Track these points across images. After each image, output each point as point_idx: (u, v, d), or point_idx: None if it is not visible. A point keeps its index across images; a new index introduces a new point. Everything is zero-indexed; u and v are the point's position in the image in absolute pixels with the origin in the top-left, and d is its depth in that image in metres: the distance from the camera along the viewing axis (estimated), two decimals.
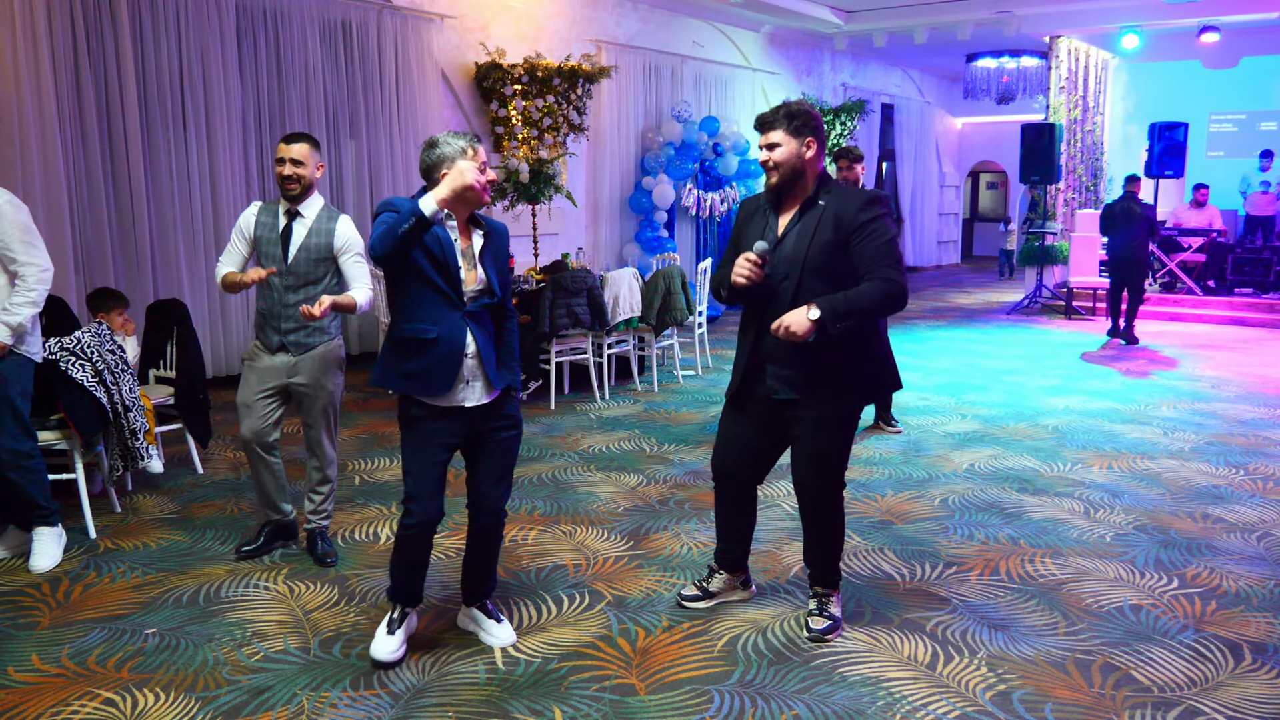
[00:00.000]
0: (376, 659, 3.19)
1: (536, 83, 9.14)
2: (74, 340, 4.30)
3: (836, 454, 3.29)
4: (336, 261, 3.92)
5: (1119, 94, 14.61)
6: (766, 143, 3.19)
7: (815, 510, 3.39)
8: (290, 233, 3.87)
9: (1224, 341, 9.88)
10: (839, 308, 3.02)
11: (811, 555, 3.48)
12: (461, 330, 3.09)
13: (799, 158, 3.16)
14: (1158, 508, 4.76)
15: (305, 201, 3.88)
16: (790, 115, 3.16)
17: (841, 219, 3.10)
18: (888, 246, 3.09)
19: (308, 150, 3.82)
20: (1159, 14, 11.74)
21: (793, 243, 3.17)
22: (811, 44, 14.28)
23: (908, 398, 7.09)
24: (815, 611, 3.45)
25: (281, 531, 4.23)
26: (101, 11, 6.57)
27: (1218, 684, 3.09)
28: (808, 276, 3.12)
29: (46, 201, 6.28)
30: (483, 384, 3.15)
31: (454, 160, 2.98)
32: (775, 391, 3.25)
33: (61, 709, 2.94)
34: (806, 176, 3.19)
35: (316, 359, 3.94)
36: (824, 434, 3.24)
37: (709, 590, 3.65)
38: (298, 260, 3.86)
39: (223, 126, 7.25)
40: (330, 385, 3.99)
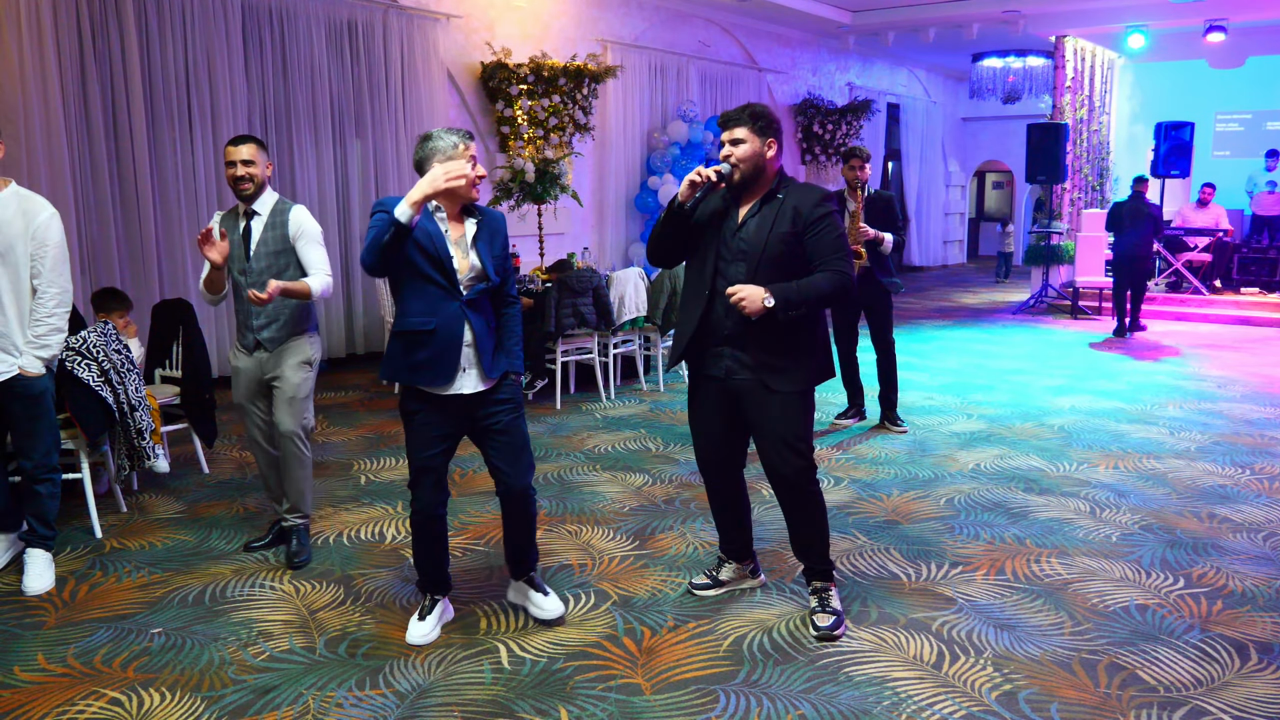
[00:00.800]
0: (410, 642, 3.35)
1: (542, 82, 9.14)
2: (80, 340, 4.31)
3: (797, 429, 3.34)
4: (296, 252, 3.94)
5: (1125, 93, 14.57)
6: (730, 138, 3.26)
7: (792, 496, 3.41)
8: (250, 233, 3.93)
9: (1230, 341, 9.85)
10: (792, 297, 3.16)
11: (799, 547, 3.52)
12: (459, 320, 3.17)
13: (761, 155, 3.26)
14: (1164, 507, 4.75)
15: (259, 200, 3.93)
16: (755, 115, 3.26)
17: (799, 212, 3.24)
18: (839, 240, 3.26)
19: (256, 150, 3.89)
20: (1165, 14, 11.71)
21: (753, 230, 3.28)
22: (818, 43, 14.27)
23: (913, 397, 7.08)
24: (818, 608, 3.46)
25: (287, 530, 4.23)
26: (107, 11, 6.59)
27: (1224, 684, 3.08)
28: (764, 264, 3.25)
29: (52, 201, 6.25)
30: (478, 371, 3.22)
31: (444, 154, 3.08)
32: (733, 372, 3.33)
33: (67, 708, 2.94)
34: (767, 173, 3.29)
35: (286, 353, 3.97)
36: (786, 415, 3.31)
37: (719, 579, 3.73)
38: (258, 256, 3.91)
39: (228, 126, 7.26)
40: (296, 378, 3.96)
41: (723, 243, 3.34)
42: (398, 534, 4.39)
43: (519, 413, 3.33)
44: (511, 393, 3.31)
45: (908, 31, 13.54)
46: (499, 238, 3.27)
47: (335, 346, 8.34)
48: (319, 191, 8.04)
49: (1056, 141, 11.85)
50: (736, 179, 3.28)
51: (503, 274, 3.29)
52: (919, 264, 17.68)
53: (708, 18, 12.06)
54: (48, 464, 3.88)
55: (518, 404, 3.33)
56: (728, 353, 3.34)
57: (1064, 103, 12.74)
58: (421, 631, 3.36)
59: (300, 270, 3.95)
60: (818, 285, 3.21)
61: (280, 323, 3.95)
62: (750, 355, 3.31)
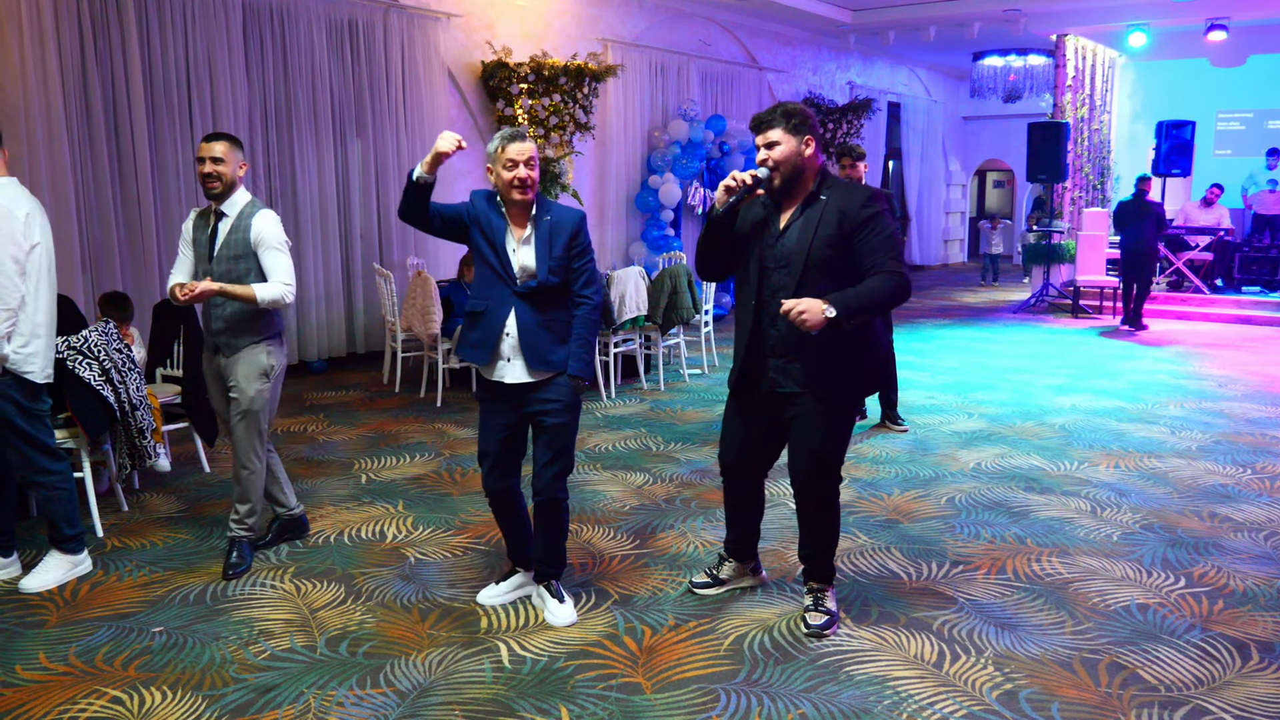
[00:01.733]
0: (478, 600, 3.61)
1: (543, 81, 9.14)
2: (81, 339, 4.31)
3: (835, 450, 3.30)
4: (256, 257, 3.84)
5: (1126, 92, 14.56)
6: (765, 141, 3.19)
7: (813, 508, 3.39)
8: (216, 233, 3.85)
9: (1231, 340, 9.85)
10: (852, 304, 3.03)
11: (807, 552, 3.49)
12: (506, 307, 3.30)
13: (799, 155, 3.18)
14: (1165, 507, 4.75)
15: (229, 200, 3.84)
16: (788, 114, 3.18)
17: (846, 214, 3.12)
18: (891, 240, 3.13)
19: (227, 148, 3.79)
20: (1166, 12, 11.70)
21: (795, 237, 3.19)
22: (818, 42, 14.26)
23: (914, 396, 7.07)
24: (812, 607, 3.46)
25: (288, 526, 4.27)
26: (108, 11, 6.59)
27: (1225, 683, 3.08)
28: (810, 271, 3.14)
29: (54, 200, 6.30)
30: (522, 363, 3.32)
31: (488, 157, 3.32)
32: (779, 384, 3.28)
33: (69, 707, 2.95)
34: (806, 174, 3.21)
35: (240, 361, 3.86)
36: (823, 429, 3.25)
37: (719, 578, 3.73)
38: (219, 258, 3.82)
39: (229, 126, 7.25)
40: (250, 389, 3.86)
41: (765, 250, 3.24)
42: (398, 533, 4.39)
43: (564, 417, 3.34)
44: (561, 394, 3.33)
45: (908, 30, 13.53)
46: (562, 237, 3.31)
47: (336, 346, 8.34)
48: (319, 191, 8.03)
49: (1057, 140, 11.85)
50: (777, 183, 3.19)
51: (566, 273, 3.33)
52: (919, 263, 17.67)
53: (708, 17, 12.05)
54: (31, 470, 3.75)
55: (566, 407, 3.34)
56: (775, 363, 3.28)
57: (1065, 101, 12.73)
58: (490, 593, 3.62)
59: (263, 276, 3.84)
60: (878, 289, 3.08)
61: (233, 327, 3.85)
62: (800, 366, 3.22)
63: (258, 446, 3.96)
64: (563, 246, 3.31)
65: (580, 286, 3.37)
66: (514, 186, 3.25)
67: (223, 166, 3.78)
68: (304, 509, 4.38)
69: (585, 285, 3.37)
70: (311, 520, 4.54)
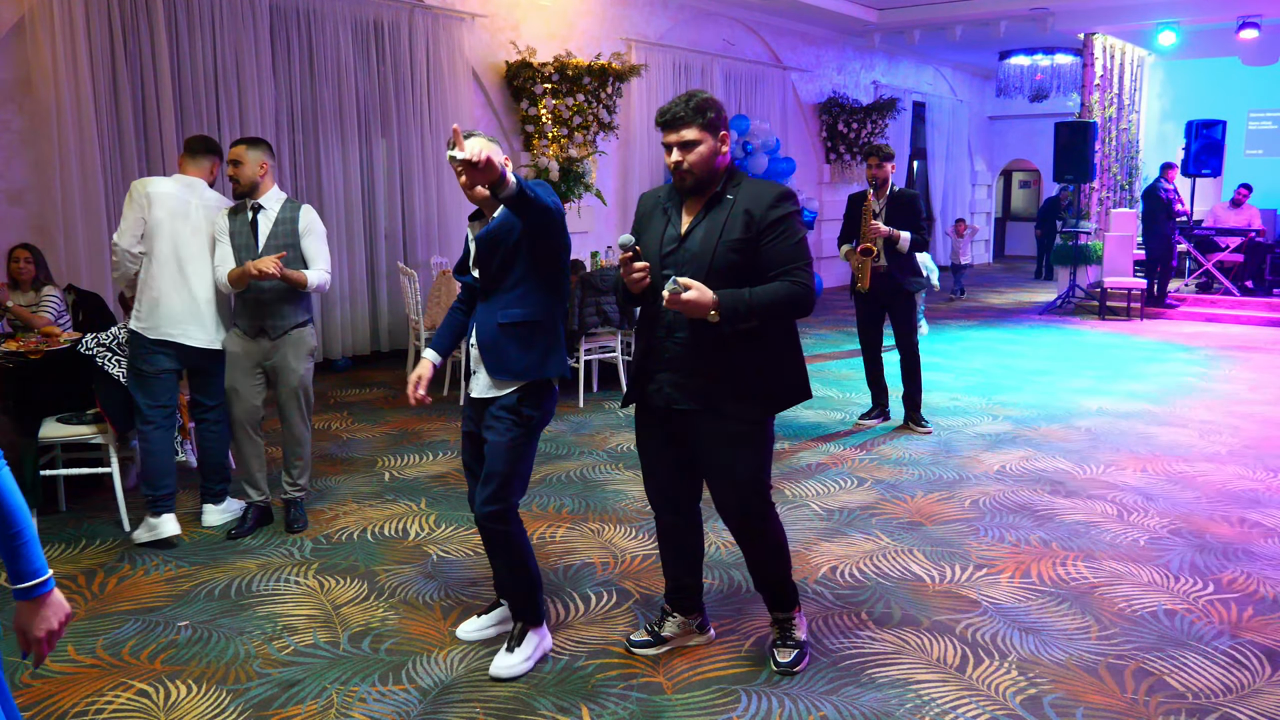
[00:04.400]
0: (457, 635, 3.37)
1: (567, 81, 9.16)
2: (110, 337, 4.37)
3: (748, 471, 2.94)
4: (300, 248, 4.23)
5: (1155, 91, 14.39)
6: (679, 140, 2.83)
7: (745, 537, 3.07)
8: (257, 225, 4.20)
9: (1262, 343, 9.71)
10: (740, 308, 2.74)
11: (758, 581, 3.18)
12: (476, 315, 3.11)
13: (716, 155, 2.86)
14: (1192, 511, 4.69)
15: (264, 196, 4.21)
16: (702, 108, 2.83)
17: (752, 215, 2.82)
18: (799, 247, 2.84)
19: (243, 150, 4.16)
20: (1197, 10, 11.54)
21: (698, 241, 2.86)
22: (843, 41, 14.20)
23: (938, 398, 7.03)
24: (778, 642, 3.17)
25: (263, 515, 4.45)
26: (138, 12, 6.67)
27: (1254, 691, 3.04)
28: (713, 279, 2.79)
29: (84, 199, 6.39)
30: (485, 374, 3.06)
31: None
32: (674, 400, 2.92)
33: (96, 699, 2.98)
34: (718, 172, 2.90)
35: (290, 342, 4.25)
36: (730, 449, 2.91)
37: (661, 635, 3.27)
38: (267, 249, 4.17)
39: (256, 126, 7.32)
40: (300, 368, 4.28)
41: (665, 256, 2.90)
42: (421, 530, 4.42)
43: (510, 435, 2.99)
44: (513, 408, 3.00)
45: (934, 29, 13.44)
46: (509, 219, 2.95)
47: (360, 344, 8.40)
48: (345, 190, 8.09)
49: (1085, 140, 11.72)
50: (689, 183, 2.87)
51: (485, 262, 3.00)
52: (944, 264, 17.54)
53: (733, 16, 12.03)
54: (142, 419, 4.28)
55: (512, 426, 2.99)
56: (668, 378, 2.92)
57: (1093, 101, 12.59)
58: (471, 627, 3.36)
59: (303, 266, 4.23)
60: (775, 295, 2.77)
61: (284, 312, 4.21)
62: (695, 380, 2.88)
63: (308, 415, 4.41)
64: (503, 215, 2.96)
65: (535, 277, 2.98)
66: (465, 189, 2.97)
67: (238, 169, 4.16)
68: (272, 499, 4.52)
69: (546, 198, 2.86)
70: (335, 517, 4.57)
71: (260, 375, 4.30)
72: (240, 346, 4.25)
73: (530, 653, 3.12)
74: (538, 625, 3.16)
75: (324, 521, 4.53)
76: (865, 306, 6.21)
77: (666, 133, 2.87)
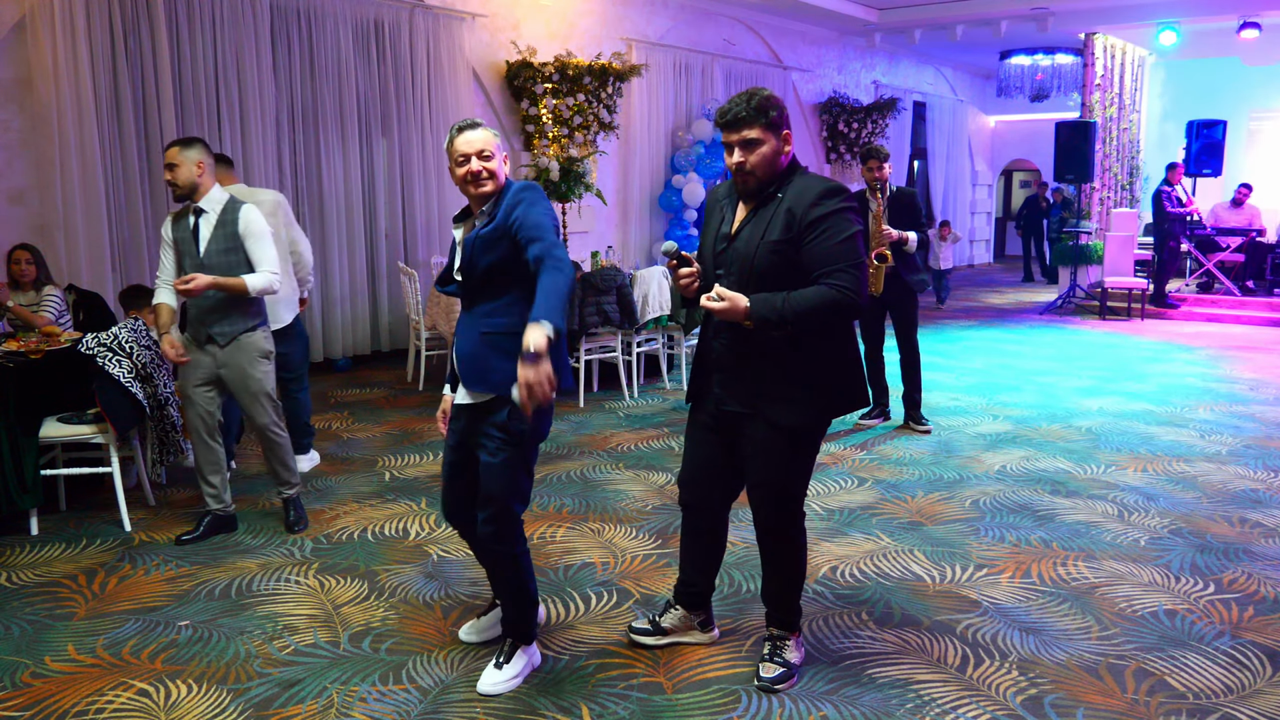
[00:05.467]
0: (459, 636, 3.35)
1: (567, 81, 9.15)
2: (111, 336, 4.37)
3: (786, 481, 2.89)
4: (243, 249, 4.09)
5: (1156, 91, 14.39)
6: (741, 140, 2.75)
7: (768, 545, 3.02)
8: (198, 230, 4.07)
9: (1263, 343, 9.71)
10: (773, 316, 2.64)
11: (766, 593, 3.12)
12: (456, 329, 3.00)
13: (778, 154, 2.77)
14: (1194, 511, 4.69)
15: (205, 198, 4.07)
16: (764, 107, 2.73)
17: (793, 214, 2.71)
18: (842, 246, 2.67)
19: (176, 152, 4.01)
20: (1198, 10, 11.54)
21: (744, 241, 2.81)
22: (843, 41, 14.19)
23: (939, 398, 7.03)
24: (767, 656, 3.09)
25: (220, 523, 4.34)
26: (139, 13, 6.66)
27: (1254, 691, 3.04)
28: (755, 281, 2.73)
29: (84, 199, 6.38)
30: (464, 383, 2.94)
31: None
32: (723, 401, 2.91)
33: (96, 698, 2.98)
34: (776, 171, 2.80)
35: (240, 348, 4.14)
36: (770, 456, 2.85)
37: (661, 626, 3.27)
38: (209, 254, 4.05)
39: (257, 126, 7.32)
40: (255, 372, 4.17)
41: (715, 254, 2.88)
42: (421, 530, 4.42)
43: (502, 455, 2.85)
44: (502, 425, 2.84)
45: (935, 29, 13.43)
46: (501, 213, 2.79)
47: (360, 344, 8.40)
48: (345, 190, 8.09)
49: (1085, 140, 11.72)
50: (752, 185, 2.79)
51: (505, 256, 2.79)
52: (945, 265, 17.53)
53: (733, 16, 12.02)
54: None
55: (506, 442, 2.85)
56: (719, 379, 2.91)
57: (1093, 100, 12.59)
58: (473, 628, 3.34)
59: (246, 268, 4.09)
60: (807, 302, 2.64)
61: (230, 318, 4.10)
62: (740, 383, 2.84)
63: (276, 417, 4.30)
64: (499, 221, 2.78)
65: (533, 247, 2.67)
66: (467, 182, 2.83)
67: (173, 172, 4.01)
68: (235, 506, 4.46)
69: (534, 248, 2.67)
70: (335, 517, 4.58)
71: (213, 383, 4.17)
72: (191, 354, 4.14)
73: (518, 670, 3.05)
74: (528, 644, 3.11)
75: (324, 521, 4.53)
76: (869, 304, 6.20)
77: (727, 133, 2.78)
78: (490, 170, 2.84)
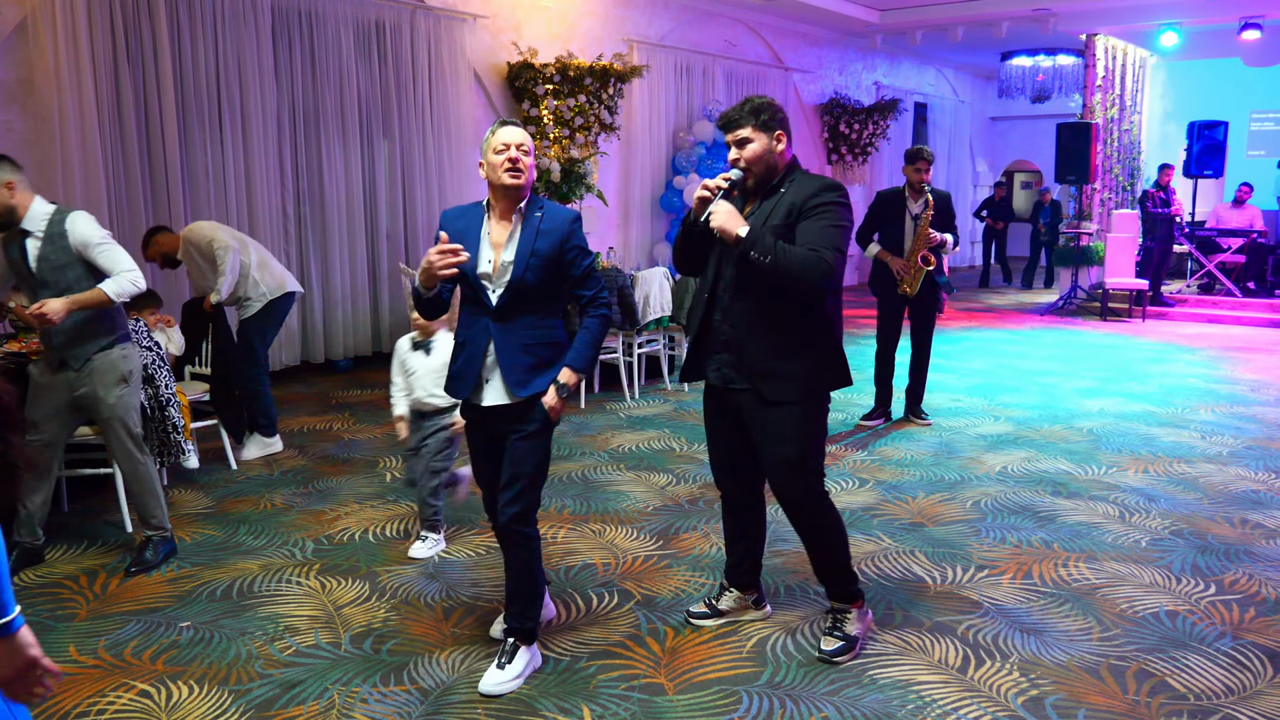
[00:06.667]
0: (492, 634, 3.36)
1: (568, 82, 9.16)
2: None
3: (797, 450, 3.08)
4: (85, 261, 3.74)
5: (1157, 92, 14.38)
6: (735, 139, 3.08)
7: (798, 519, 3.18)
8: (25, 251, 3.71)
9: (1264, 344, 9.70)
10: (766, 241, 2.92)
11: (817, 571, 3.30)
12: (484, 335, 3.02)
13: (770, 153, 3.08)
14: (1195, 512, 4.68)
15: (27, 218, 3.69)
16: (756, 110, 3.07)
17: (794, 205, 3.02)
18: (831, 229, 2.96)
19: None
20: (1199, 11, 11.53)
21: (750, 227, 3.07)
22: (845, 42, 14.20)
23: (940, 399, 7.03)
24: (828, 630, 3.28)
25: (27, 558, 3.98)
26: (140, 13, 6.67)
27: (1256, 692, 3.04)
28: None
29: (86, 201, 6.39)
30: (501, 385, 3.03)
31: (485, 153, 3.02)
32: (729, 380, 3.14)
33: (98, 699, 2.99)
34: (777, 170, 3.11)
35: (96, 370, 3.81)
36: (784, 431, 3.07)
37: (718, 608, 3.48)
38: (41, 273, 3.70)
39: (258, 127, 7.33)
40: (110, 397, 3.83)
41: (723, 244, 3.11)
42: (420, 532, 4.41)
43: (535, 442, 3.04)
44: (538, 419, 3.04)
45: (936, 30, 13.43)
46: (553, 237, 3.01)
47: (361, 345, 8.40)
48: (346, 191, 8.09)
49: (1086, 141, 11.71)
50: (750, 183, 3.10)
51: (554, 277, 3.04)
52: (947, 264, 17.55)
53: (734, 17, 12.03)
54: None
55: (538, 431, 3.05)
56: (725, 359, 3.13)
57: (1094, 102, 12.58)
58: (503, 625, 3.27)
59: (94, 278, 3.74)
60: (793, 254, 2.92)
61: (81, 337, 3.77)
62: (744, 361, 3.08)
63: (139, 446, 3.96)
64: (553, 246, 3.01)
65: (585, 289, 3.10)
66: (505, 169, 2.95)
67: None
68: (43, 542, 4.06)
69: (589, 286, 3.10)
70: (336, 518, 4.58)
71: (68, 411, 3.88)
72: (46, 379, 3.84)
73: (521, 670, 3.07)
74: (530, 643, 3.13)
75: (325, 522, 4.53)
76: (890, 300, 6.22)
77: (726, 135, 3.12)
78: (526, 164, 3.00)
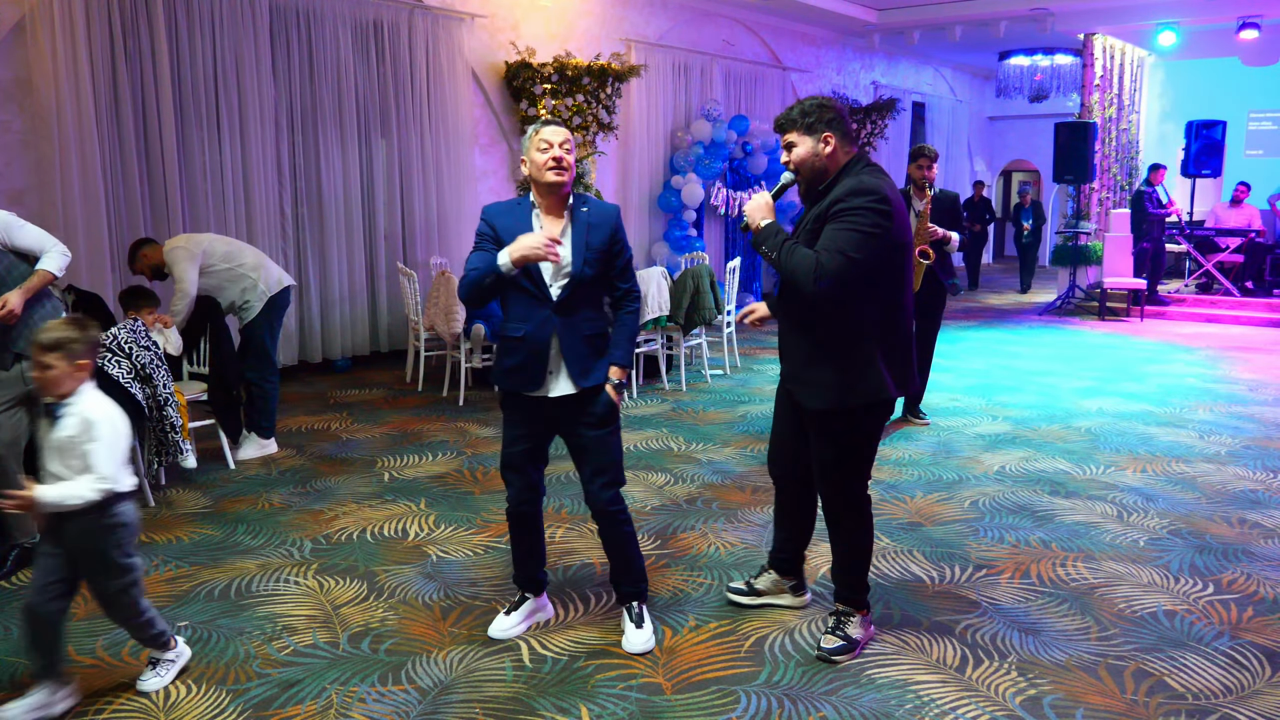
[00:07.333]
0: (490, 634, 3.38)
1: (566, 81, 9.15)
2: (110, 337, 4.36)
3: (837, 459, 3.14)
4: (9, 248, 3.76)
5: (1155, 91, 14.39)
6: (785, 143, 3.17)
7: (830, 519, 3.28)
8: None
9: (1262, 343, 9.71)
10: (776, 237, 3.05)
11: (835, 568, 3.36)
12: (548, 327, 3.13)
13: (817, 155, 3.09)
14: (1193, 512, 4.69)
15: None
16: (804, 113, 3.10)
17: (827, 207, 3.04)
18: (846, 233, 2.92)
19: None
20: (1197, 10, 11.54)
21: (801, 228, 3.17)
22: (843, 42, 14.20)
23: (938, 399, 7.03)
24: (830, 629, 3.30)
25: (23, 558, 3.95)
26: (138, 14, 6.66)
27: (1254, 692, 3.04)
28: None
29: (84, 200, 6.38)
30: (566, 377, 3.17)
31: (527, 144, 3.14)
32: (788, 379, 3.25)
33: (96, 699, 2.98)
34: (827, 171, 3.10)
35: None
36: (821, 436, 3.15)
37: (755, 588, 3.61)
38: None
39: (256, 126, 7.32)
40: None
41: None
42: (420, 530, 4.42)
43: (607, 428, 3.22)
44: (605, 406, 3.20)
45: (934, 30, 13.44)
46: (602, 231, 3.16)
47: (359, 345, 8.40)
48: (344, 190, 8.08)
49: (1084, 140, 11.72)
50: (802, 189, 3.17)
51: (605, 268, 3.18)
52: None
53: (732, 16, 12.03)
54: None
55: (608, 417, 3.22)
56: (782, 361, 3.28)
57: (1092, 101, 12.59)
58: (503, 626, 3.39)
59: (23, 265, 3.78)
60: (795, 254, 2.98)
61: (30, 323, 3.76)
62: (785, 363, 3.23)
63: None
64: (604, 240, 3.17)
65: (624, 282, 3.26)
66: (549, 168, 3.08)
67: None
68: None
69: (627, 279, 3.27)
70: (334, 517, 4.57)
71: (19, 404, 3.84)
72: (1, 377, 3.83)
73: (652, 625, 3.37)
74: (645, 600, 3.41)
75: (323, 522, 4.53)
76: None
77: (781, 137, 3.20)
78: (569, 162, 3.11)
